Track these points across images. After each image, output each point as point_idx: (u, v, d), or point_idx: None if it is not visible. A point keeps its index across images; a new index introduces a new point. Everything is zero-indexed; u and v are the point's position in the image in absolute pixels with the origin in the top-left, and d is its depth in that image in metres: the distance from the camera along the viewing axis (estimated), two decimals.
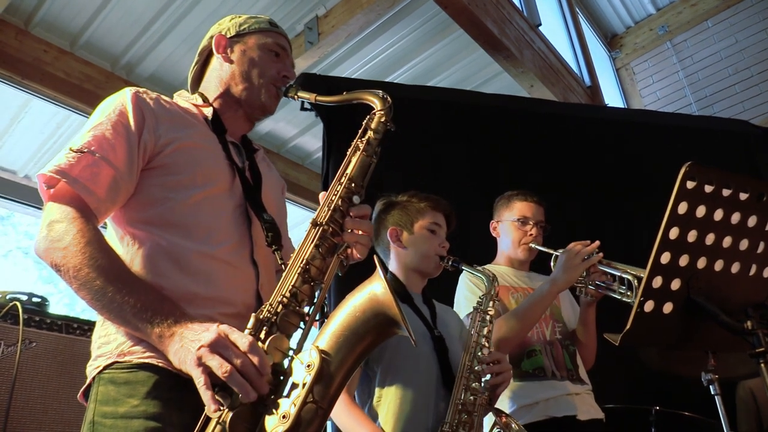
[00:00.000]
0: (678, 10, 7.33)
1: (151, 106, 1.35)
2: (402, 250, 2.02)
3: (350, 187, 1.28)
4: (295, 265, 1.18)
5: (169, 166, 1.31)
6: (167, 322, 1.08)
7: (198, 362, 1.01)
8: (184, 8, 4.51)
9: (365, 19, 4.54)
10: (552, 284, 2.17)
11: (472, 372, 1.76)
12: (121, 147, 1.26)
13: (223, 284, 1.27)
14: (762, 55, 6.43)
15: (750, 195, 1.29)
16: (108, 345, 1.21)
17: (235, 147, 1.49)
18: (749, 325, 1.28)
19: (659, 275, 1.26)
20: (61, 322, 2.58)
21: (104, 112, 1.31)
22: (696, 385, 2.34)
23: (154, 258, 1.24)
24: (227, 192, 1.37)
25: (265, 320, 1.11)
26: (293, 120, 5.85)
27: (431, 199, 2.08)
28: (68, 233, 1.14)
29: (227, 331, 1.05)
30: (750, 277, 1.34)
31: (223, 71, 1.51)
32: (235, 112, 1.51)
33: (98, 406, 1.15)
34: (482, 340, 1.84)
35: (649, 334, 1.32)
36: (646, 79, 7.39)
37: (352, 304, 1.12)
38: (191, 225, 1.28)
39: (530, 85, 5.23)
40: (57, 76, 4.42)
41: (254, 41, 1.53)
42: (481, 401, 1.73)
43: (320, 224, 1.23)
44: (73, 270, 1.12)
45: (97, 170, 1.22)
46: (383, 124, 1.36)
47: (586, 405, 2.22)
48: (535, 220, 2.49)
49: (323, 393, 1.04)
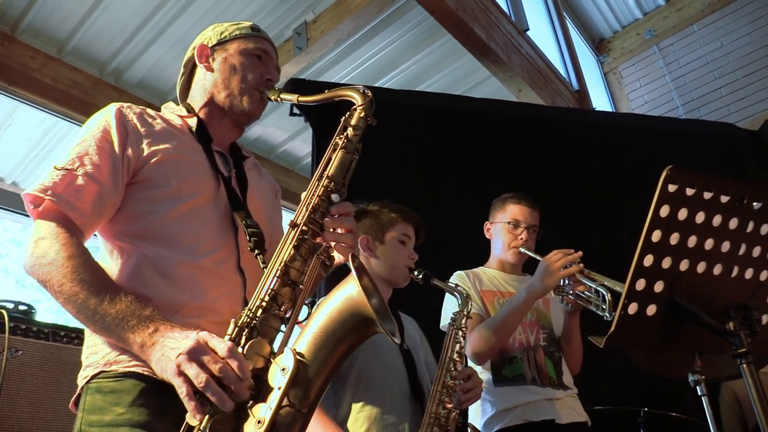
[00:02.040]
0: (664, 15, 7.40)
1: (135, 121, 1.37)
2: (372, 259, 2.03)
3: (329, 186, 1.26)
4: (274, 268, 1.17)
5: (152, 180, 1.32)
6: (149, 331, 1.09)
7: (178, 371, 1.01)
8: (172, 14, 4.50)
9: (354, 24, 4.55)
10: (528, 292, 2.16)
11: (446, 387, 1.79)
12: (105, 163, 1.28)
13: (209, 294, 1.27)
14: (747, 59, 6.49)
15: (731, 197, 1.30)
16: (95, 355, 1.22)
17: (221, 156, 1.49)
18: (731, 326, 1.30)
19: (642, 278, 1.27)
20: (48, 330, 2.56)
21: (89, 130, 1.33)
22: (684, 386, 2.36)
23: (141, 269, 1.25)
24: (212, 202, 1.37)
25: (245, 325, 1.11)
26: (283, 125, 5.85)
27: (402, 211, 2.09)
28: (52, 248, 1.17)
29: (206, 337, 1.05)
30: (732, 278, 1.35)
31: (206, 81, 1.52)
32: (221, 120, 1.52)
33: (85, 415, 1.17)
34: (455, 356, 1.88)
35: (634, 336, 1.33)
36: (634, 83, 7.45)
37: (330, 306, 1.12)
38: (176, 236, 1.29)
39: (518, 90, 5.25)
40: (44, 83, 4.39)
41: (235, 47, 1.53)
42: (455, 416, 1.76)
43: (298, 225, 1.21)
44: (57, 284, 1.14)
45: (81, 186, 1.24)
46: (363, 119, 1.35)
47: (567, 408, 2.21)
48: (527, 224, 2.47)
49: (302, 396, 1.03)
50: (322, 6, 4.69)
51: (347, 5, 4.48)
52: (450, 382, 1.79)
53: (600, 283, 2.13)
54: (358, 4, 4.38)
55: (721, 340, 1.31)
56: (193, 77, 1.59)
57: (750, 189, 1.32)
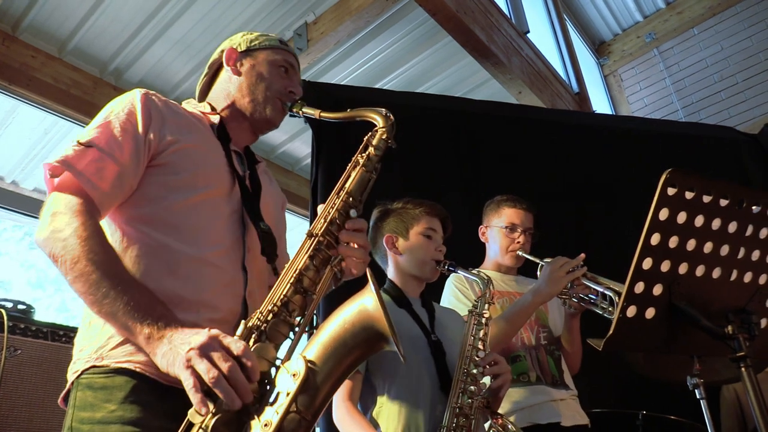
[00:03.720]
0: (664, 18, 7.41)
1: (159, 107, 1.38)
2: (398, 256, 2.04)
3: (348, 201, 1.30)
4: (288, 275, 1.19)
5: (170, 165, 1.33)
6: (158, 324, 1.08)
7: (187, 364, 1.01)
8: (174, 14, 4.50)
9: (354, 25, 4.56)
10: (535, 295, 2.19)
11: (469, 375, 1.76)
12: (127, 144, 1.28)
13: (210, 288, 1.26)
14: (747, 63, 6.51)
15: (730, 201, 1.30)
16: (87, 349, 1.21)
17: (237, 156, 1.51)
18: (730, 330, 1.29)
19: (641, 281, 1.27)
20: (46, 330, 2.56)
21: (113, 110, 1.33)
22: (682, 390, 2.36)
23: (143, 258, 1.25)
24: (226, 197, 1.38)
25: (254, 328, 1.11)
26: (283, 126, 5.72)
27: (426, 205, 2.10)
28: (70, 225, 1.15)
29: (219, 335, 1.05)
30: (731, 282, 1.35)
31: (231, 84, 1.55)
32: (241, 123, 1.54)
33: (76, 412, 1.15)
34: (478, 343, 1.84)
35: (632, 338, 1.33)
36: (634, 85, 7.46)
37: (343, 317, 1.11)
38: (185, 226, 1.29)
39: (518, 92, 5.26)
40: (45, 82, 4.39)
41: (264, 57, 1.56)
42: (479, 404, 1.74)
43: (315, 235, 1.24)
44: (71, 261, 1.12)
45: (102, 165, 1.24)
46: (384, 141, 1.38)
47: (571, 411, 2.22)
48: (523, 227, 2.49)
49: (308, 403, 1.03)
50: (323, 7, 4.69)
51: (348, 7, 4.48)
52: (474, 370, 1.77)
53: (605, 286, 2.15)
54: (359, 5, 4.39)
55: (720, 343, 1.31)
56: (215, 79, 1.61)
57: (749, 193, 1.32)
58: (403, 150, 3.50)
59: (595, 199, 3.82)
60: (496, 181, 3.60)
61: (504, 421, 1.78)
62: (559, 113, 5.12)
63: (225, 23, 4.62)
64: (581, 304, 2.24)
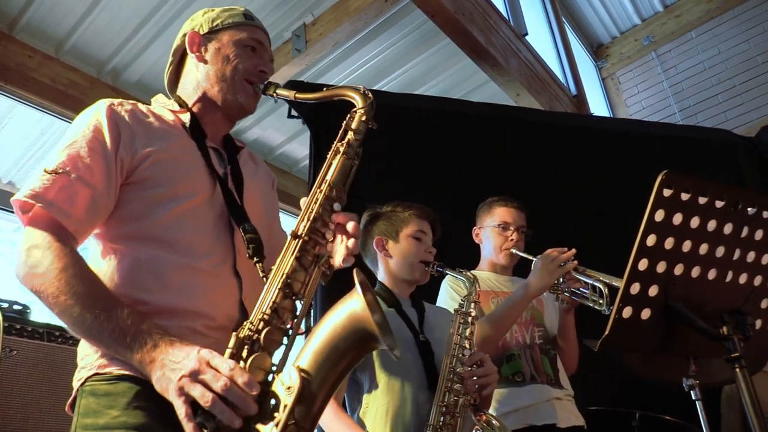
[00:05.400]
0: (662, 21, 7.42)
1: (127, 119, 1.31)
2: (389, 259, 2.05)
3: (330, 194, 1.24)
4: (276, 280, 1.15)
5: (148, 180, 1.28)
6: (146, 348, 1.06)
7: (180, 392, 1.00)
8: (172, 14, 4.50)
9: (353, 27, 4.56)
10: (526, 290, 2.20)
11: (455, 374, 1.76)
12: (97, 165, 1.22)
13: (205, 297, 1.24)
14: (744, 66, 6.52)
15: (726, 203, 1.30)
16: (90, 357, 1.20)
17: (215, 152, 1.45)
18: (725, 331, 1.30)
19: (637, 282, 1.27)
20: (42, 330, 2.56)
21: (78, 129, 1.27)
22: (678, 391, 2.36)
23: (135, 273, 1.22)
24: (208, 202, 1.33)
25: (246, 338, 1.09)
26: (281, 127, 5.85)
27: (415, 208, 2.10)
28: (45, 258, 1.12)
29: (208, 356, 1.03)
30: (726, 283, 1.35)
31: (198, 73, 1.46)
32: (214, 114, 1.47)
33: (80, 419, 1.14)
34: (464, 342, 1.84)
35: (628, 339, 1.33)
36: (632, 88, 7.47)
37: (332, 322, 1.11)
38: (173, 238, 1.26)
39: (516, 94, 5.27)
40: (42, 82, 4.39)
41: (228, 38, 1.46)
42: (464, 402, 1.74)
43: (300, 236, 1.19)
44: (52, 297, 1.11)
45: (73, 191, 1.19)
46: (364, 123, 1.32)
47: (566, 412, 2.23)
48: (516, 225, 2.51)
49: (305, 413, 1.03)
50: (321, 8, 4.69)
51: (346, 8, 4.49)
52: (460, 369, 1.77)
53: (596, 279, 2.16)
54: (357, 6, 4.39)
55: (715, 344, 1.31)
56: (182, 67, 1.52)
57: (744, 194, 1.33)
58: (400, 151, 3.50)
59: (593, 201, 3.83)
60: (493, 183, 3.61)
61: (488, 417, 1.78)
62: (556, 116, 5.12)
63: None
64: (573, 298, 2.26)
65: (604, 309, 2.10)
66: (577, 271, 2.21)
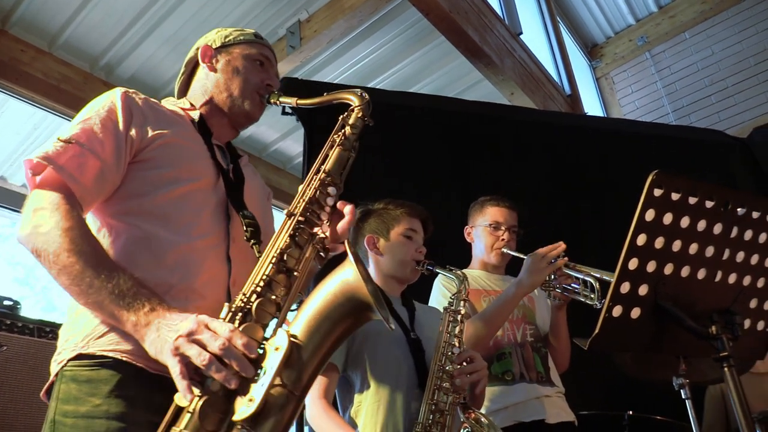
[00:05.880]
0: (656, 22, 7.45)
1: (140, 105, 1.38)
2: (379, 257, 2.05)
3: (326, 180, 1.31)
4: (269, 255, 1.18)
5: (154, 160, 1.33)
6: (144, 311, 1.08)
7: (175, 351, 1.01)
8: (166, 10, 4.49)
9: (347, 24, 4.55)
10: (517, 287, 2.20)
11: (444, 372, 1.77)
12: (108, 141, 1.28)
13: (197, 276, 1.27)
14: (737, 67, 6.55)
15: (716, 203, 1.31)
16: (73, 339, 1.20)
17: (220, 149, 1.51)
18: (714, 330, 1.31)
19: (627, 281, 1.28)
20: (33, 326, 2.55)
21: (93, 108, 1.33)
22: (668, 390, 2.38)
23: (130, 248, 1.25)
24: (210, 189, 1.39)
25: (239, 309, 1.10)
26: (275, 124, 5.84)
27: (407, 206, 2.10)
28: (51, 219, 1.15)
29: (206, 320, 1.04)
30: (716, 283, 1.36)
31: (208, 81, 1.55)
32: (220, 119, 1.55)
33: (59, 405, 1.14)
34: (453, 340, 1.85)
35: (618, 338, 1.34)
36: (625, 88, 7.50)
37: (326, 291, 1.11)
38: (171, 216, 1.30)
39: (511, 93, 5.28)
40: (34, 77, 4.37)
41: (239, 51, 1.57)
42: (453, 400, 1.74)
43: (294, 215, 1.25)
44: (53, 255, 1.12)
45: (83, 161, 1.23)
46: (361, 119, 1.40)
47: (556, 408, 2.23)
48: (507, 225, 2.52)
49: (295, 377, 1.02)
50: (316, 5, 4.69)
51: (341, 5, 4.48)
52: (449, 367, 1.77)
53: (586, 274, 2.17)
54: (352, 4, 4.39)
55: (704, 343, 1.32)
56: (193, 77, 1.61)
57: (735, 195, 1.34)
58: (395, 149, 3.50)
59: (587, 200, 3.84)
60: (487, 181, 3.62)
61: (477, 414, 1.79)
62: (551, 115, 5.14)
63: (217, 20, 4.61)
64: (565, 294, 2.26)
65: (596, 303, 2.11)
66: (568, 266, 2.22)
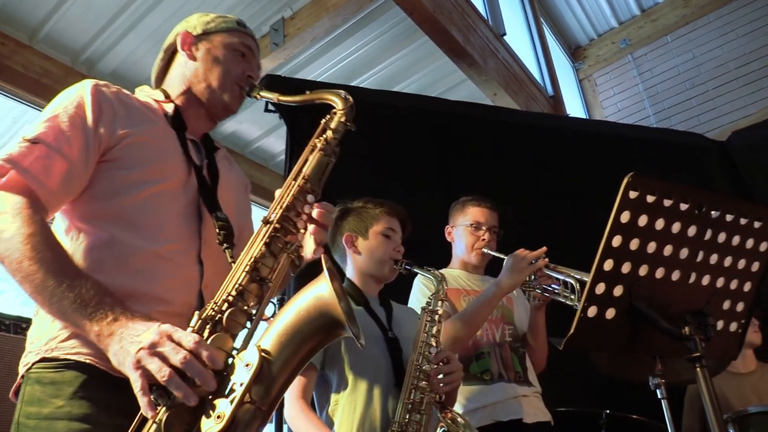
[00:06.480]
0: (639, 25, 7.52)
1: (110, 99, 1.32)
2: (357, 255, 2.05)
3: (305, 186, 1.27)
4: (243, 263, 1.16)
5: (122, 159, 1.28)
6: (107, 321, 1.05)
7: (137, 365, 0.98)
8: (148, 4, 4.45)
9: (331, 22, 4.55)
10: (497, 287, 2.22)
11: (421, 371, 1.78)
12: (76, 140, 1.23)
13: (163, 283, 1.24)
14: (718, 71, 6.63)
15: (690, 205, 1.33)
16: (38, 342, 1.19)
17: (194, 145, 1.46)
18: (687, 331, 1.33)
19: (602, 282, 1.30)
20: (9, 322, 2.51)
21: (62, 104, 1.27)
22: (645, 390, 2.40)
23: (95, 253, 1.22)
24: (181, 189, 1.34)
25: (209, 318, 1.08)
26: (258, 121, 5.81)
27: (385, 205, 2.11)
28: (13, 224, 1.11)
29: (170, 330, 1.01)
30: (689, 284, 1.38)
31: (187, 69, 1.49)
32: (198, 110, 1.49)
33: (24, 407, 1.13)
34: (431, 340, 1.86)
35: (593, 338, 1.35)
36: (608, 90, 7.56)
37: (298, 305, 1.10)
38: (139, 220, 1.26)
39: (494, 94, 5.30)
40: (15, 70, 4.31)
41: (220, 40, 1.51)
42: (430, 400, 1.75)
43: (271, 222, 1.21)
44: (16, 262, 1.09)
45: (49, 162, 1.19)
46: (343, 124, 1.35)
47: (533, 408, 2.25)
48: (488, 225, 2.53)
49: (263, 394, 1.01)
50: (300, 3, 4.68)
51: (325, 3, 4.47)
52: (426, 367, 1.78)
53: (566, 275, 2.19)
54: (336, 2, 4.38)
55: (678, 344, 1.34)
56: (171, 63, 1.55)
57: (709, 197, 1.36)
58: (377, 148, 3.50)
59: (567, 201, 3.86)
60: (469, 181, 3.63)
61: (453, 414, 1.80)
62: (533, 116, 5.17)
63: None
64: (545, 294, 2.28)
65: (575, 304, 2.13)
66: (548, 267, 2.24)
